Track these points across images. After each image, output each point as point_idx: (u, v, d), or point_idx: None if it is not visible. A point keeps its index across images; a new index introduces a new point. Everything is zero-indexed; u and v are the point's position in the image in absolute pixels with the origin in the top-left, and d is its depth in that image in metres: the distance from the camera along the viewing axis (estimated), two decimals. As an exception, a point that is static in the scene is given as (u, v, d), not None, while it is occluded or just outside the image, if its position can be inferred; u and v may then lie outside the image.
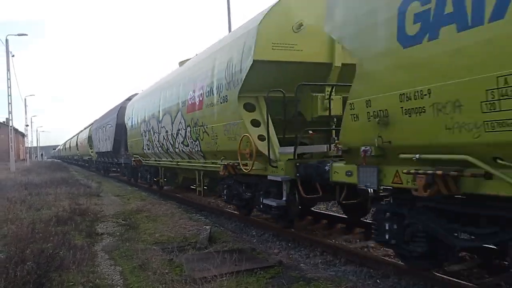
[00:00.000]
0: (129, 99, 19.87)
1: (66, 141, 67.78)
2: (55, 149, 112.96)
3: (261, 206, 7.90)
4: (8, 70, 34.55)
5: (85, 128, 38.21)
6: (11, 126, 37.07)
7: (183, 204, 12.63)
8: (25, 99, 58.96)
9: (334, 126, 7.50)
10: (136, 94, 19.14)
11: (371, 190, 5.10)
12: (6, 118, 46.26)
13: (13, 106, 36.84)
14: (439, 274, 5.05)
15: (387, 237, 5.12)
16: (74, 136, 50.84)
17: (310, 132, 7.62)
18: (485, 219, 4.07)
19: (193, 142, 10.31)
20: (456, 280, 4.88)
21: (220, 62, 8.63)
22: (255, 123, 7.62)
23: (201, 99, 9.47)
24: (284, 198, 7.08)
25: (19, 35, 35.82)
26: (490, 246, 4.91)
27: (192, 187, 13.78)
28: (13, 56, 35.55)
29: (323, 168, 6.09)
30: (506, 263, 5.50)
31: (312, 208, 9.33)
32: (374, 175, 4.93)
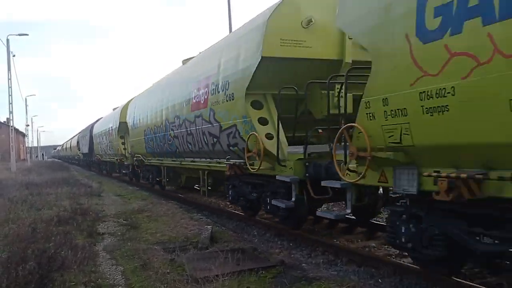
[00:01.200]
0: (97, 120, 30.99)
1: (63, 143, 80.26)
2: (55, 149, 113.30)
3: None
4: (9, 70, 34.61)
5: (76, 135, 49.84)
6: (11, 126, 37.06)
7: (184, 204, 12.64)
8: (25, 99, 59.16)
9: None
10: (101, 118, 30.21)
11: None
12: (7, 118, 46.32)
13: (14, 106, 36.78)
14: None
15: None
16: (69, 140, 63.07)
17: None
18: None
19: (111, 149, 22.72)
20: (458, 279, 4.87)
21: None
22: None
23: (111, 130, 20.51)
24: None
25: (20, 35, 35.74)
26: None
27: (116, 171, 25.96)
28: (14, 56, 35.64)
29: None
30: (507, 262, 5.49)
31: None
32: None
